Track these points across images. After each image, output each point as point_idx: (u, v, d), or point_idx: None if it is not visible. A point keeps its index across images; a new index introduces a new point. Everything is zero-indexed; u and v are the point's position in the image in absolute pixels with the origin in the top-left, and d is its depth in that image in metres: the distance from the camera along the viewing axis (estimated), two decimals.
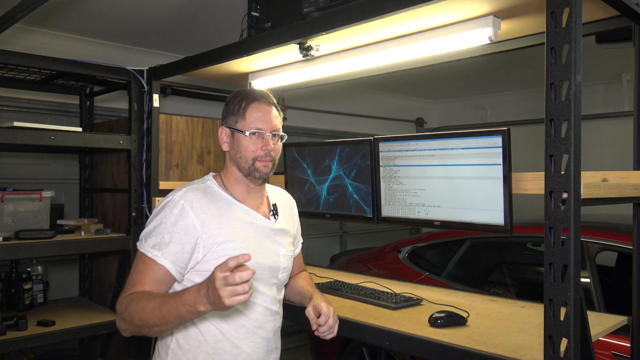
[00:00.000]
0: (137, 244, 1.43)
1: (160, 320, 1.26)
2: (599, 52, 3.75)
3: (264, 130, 1.48)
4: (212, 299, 1.16)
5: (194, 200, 1.41)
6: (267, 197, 1.64)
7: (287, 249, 1.60)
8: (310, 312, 1.55)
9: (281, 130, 1.54)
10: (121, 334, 1.38)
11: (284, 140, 1.56)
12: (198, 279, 1.40)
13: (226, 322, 1.45)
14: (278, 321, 1.59)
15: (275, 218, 1.59)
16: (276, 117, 1.52)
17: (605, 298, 2.47)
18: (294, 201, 1.77)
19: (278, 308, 1.58)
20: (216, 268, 1.15)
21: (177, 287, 1.43)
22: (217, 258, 1.40)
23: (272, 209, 1.61)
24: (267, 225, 1.55)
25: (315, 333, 1.54)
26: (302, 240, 1.79)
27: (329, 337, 1.54)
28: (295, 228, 1.71)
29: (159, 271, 1.37)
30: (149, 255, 1.38)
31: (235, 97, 1.53)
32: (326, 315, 1.52)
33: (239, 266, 1.15)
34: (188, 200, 1.41)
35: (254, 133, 1.47)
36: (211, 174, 1.58)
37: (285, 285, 1.72)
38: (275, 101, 1.55)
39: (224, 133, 1.53)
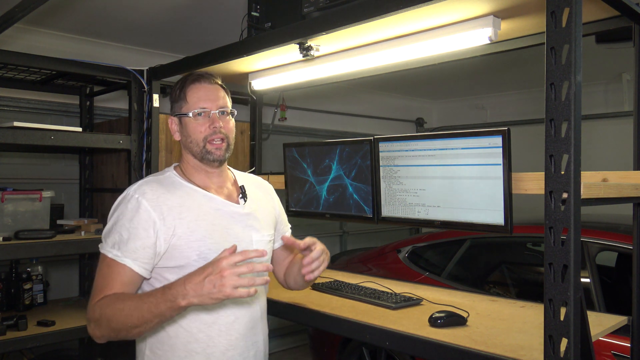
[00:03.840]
0: (99, 245, 1.37)
1: (139, 320, 1.20)
2: (599, 52, 3.75)
3: (208, 109, 1.43)
4: (206, 288, 1.12)
5: (149, 192, 1.36)
6: (235, 181, 1.56)
7: (262, 233, 1.51)
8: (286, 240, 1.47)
9: (229, 107, 1.49)
10: (95, 341, 1.31)
11: (234, 116, 1.50)
12: (167, 274, 1.35)
13: (196, 321, 1.37)
14: (257, 312, 1.48)
15: (244, 201, 1.50)
16: (222, 96, 1.47)
17: (605, 298, 2.47)
18: (270, 185, 1.70)
19: (255, 299, 1.47)
20: (224, 257, 1.14)
21: (145, 286, 1.37)
22: (181, 251, 1.34)
23: (240, 190, 1.52)
24: (234, 210, 1.46)
25: (303, 270, 1.43)
26: (289, 226, 1.72)
27: (314, 274, 1.43)
28: (275, 213, 1.64)
29: (124, 272, 1.30)
30: (110, 255, 1.32)
31: (176, 84, 1.50)
32: (318, 251, 1.41)
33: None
34: (142, 192, 1.35)
35: (199, 113, 1.43)
36: (173, 165, 1.53)
37: (289, 276, 1.65)
38: (219, 80, 1.50)
39: (173, 123, 1.49)
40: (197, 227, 1.37)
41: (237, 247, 1.19)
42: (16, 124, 2.26)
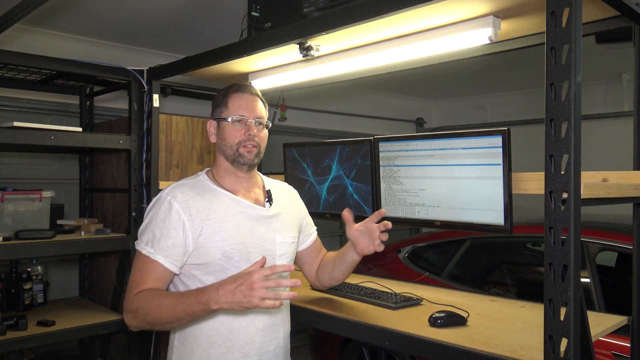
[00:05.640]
0: (135, 242, 1.49)
1: (174, 317, 1.33)
2: (599, 52, 3.75)
3: (246, 117, 1.54)
4: (237, 297, 1.23)
5: (179, 195, 1.47)
6: (263, 186, 1.66)
7: (285, 235, 1.60)
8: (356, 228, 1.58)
9: (265, 119, 1.59)
10: (129, 329, 1.44)
11: (268, 128, 1.60)
12: (194, 270, 1.46)
13: (219, 315, 1.46)
14: (277, 309, 1.55)
15: (270, 204, 1.60)
16: (260, 107, 1.58)
17: (605, 298, 2.47)
18: (295, 191, 1.79)
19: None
20: (256, 271, 1.25)
21: (175, 280, 1.49)
22: (207, 249, 1.45)
23: (267, 195, 1.62)
24: (259, 212, 1.56)
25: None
26: (315, 228, 1.81)
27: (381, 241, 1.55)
28: (300, 216, 1.72)
29: (157, 268, 1.43)
30: (144, 252, 1.44)
31: (220, 91, 1.60)
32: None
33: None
34: (174, 195, 1.47)
35: (237, 120, 1.53)
36: (205, 169, 1.63)
37: (323, 273, 1.75)
38: (259, 93, 1.61)
39: (211, 126, 1.60)
40: (223, 228, 1.46)
41: (266, 259, 1.35)
42: (16, 124, 2.27)
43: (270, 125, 1.61)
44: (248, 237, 1.49)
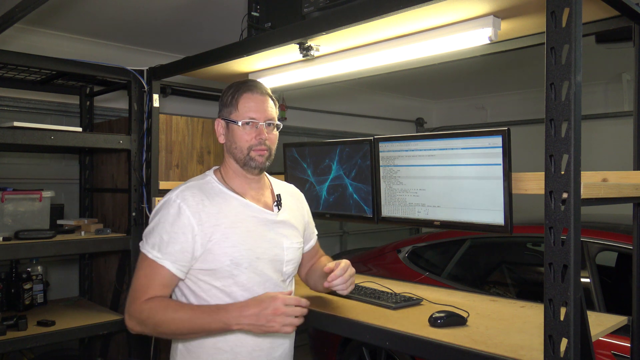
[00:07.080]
0: (140, 243, 1.45)
1: (189, 331, 1.35)
2: (599, 52, 3.75)
3: (257, 120, 1.49)
4: (260, 321, 1.30)
5: (190, 198, 1.42)
6: (272, 189, 1.63)
7: (292, 240, 1.58)
8: (328, 266, 1.61)
9: (276, 119, 1.55)
10: (131, 332, 1.42)
11: (279, 129, 1.56)
12: (201, 276, 1.43)
13: None
14: None
15: (278, 209, 1.58)
16: (271, 107, 1.53)
17: (605, 298, 2.47)
18: (301, 194, 1.76)
19: None
20: (279, 297, 1.32)
21: (180, 285, 1.45)
22: (215, 255, 1.41)
23: (277, 199, 1.59)
24: (268, 217, 1.53)
25: (326, 284, 1.58)
26: (316, 232, 1.79)
27: (344, 292, 1.61)
28: (304, 220, 1.71)
29: (163, 273, 1.39)
30: (150, 256, 1.40)
31: (229, 89, 1.54)
32: (342, 269, 1.57)
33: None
34: (184, 199, 1.42)
35: (247, 123, 1.48)
36: (213, 168, 1.58)
37: (310, 278, 1.77)
38: (269, 91, 1.56)
39: (220, 125, 1.54)
40: (232, 233, 1.44)
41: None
42: (16, 124, 2.26)
43: (282, 126, 1.57)
44: (257, 242, 1.47)
